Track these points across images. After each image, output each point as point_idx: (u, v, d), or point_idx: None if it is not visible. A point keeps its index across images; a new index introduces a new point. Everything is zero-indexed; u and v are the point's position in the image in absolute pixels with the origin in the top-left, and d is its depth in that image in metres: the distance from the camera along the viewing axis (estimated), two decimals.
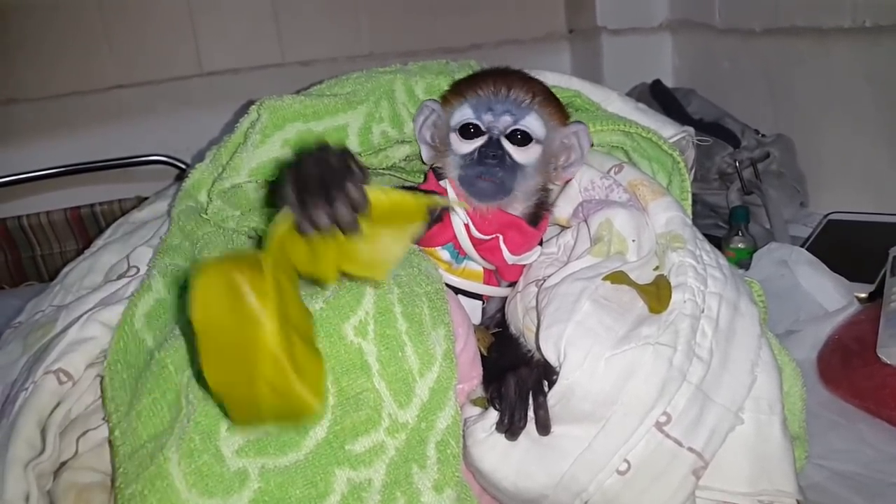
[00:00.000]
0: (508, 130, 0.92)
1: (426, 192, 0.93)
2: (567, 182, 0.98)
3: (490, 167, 0.90)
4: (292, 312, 0.66)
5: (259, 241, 0.96)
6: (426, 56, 1.19)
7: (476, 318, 0.97)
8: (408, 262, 0.86)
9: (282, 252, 0.66)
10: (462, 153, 0.93)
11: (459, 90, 0.97)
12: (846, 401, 1.09)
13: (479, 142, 0.92)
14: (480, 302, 0.97)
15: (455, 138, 0.94)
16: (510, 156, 0.91)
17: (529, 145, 0.93)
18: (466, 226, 0.92)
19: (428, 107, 0.98)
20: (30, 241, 1.88)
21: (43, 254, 1.90)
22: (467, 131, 0.93)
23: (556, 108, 0.97)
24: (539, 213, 0.96)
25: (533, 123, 0.93)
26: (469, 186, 0.91)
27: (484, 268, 0.95)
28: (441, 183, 0.96)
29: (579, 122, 0.97)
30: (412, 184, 1.07)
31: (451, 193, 0.94)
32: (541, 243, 0.96)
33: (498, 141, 0.92)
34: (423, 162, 1.01)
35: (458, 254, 0.94)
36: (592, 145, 0.98)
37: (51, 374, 0.85)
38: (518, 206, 0.94)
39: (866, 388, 1.07)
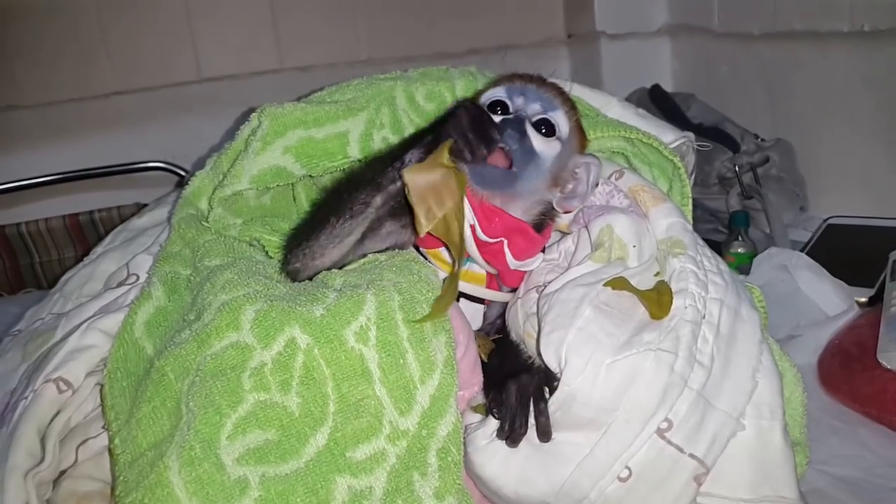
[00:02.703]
0: (536, 118, 0.91)
1: None
2: (567, 213, 0.97)
3: (507, 136, 0.88)
4: None
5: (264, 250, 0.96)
6: (425, 61, 1.19)
7: (477, 323, 0.97)
8: (408, 269, 0.86)
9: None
10: None
11: (495, 80, 0.98)
12: (847, 406, 1.09)
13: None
14: (482, 306, 0.97)
15: None
16: (530, 139, 0.90)
17: (552, 138, 0.91)
18: (472, 227, 0.91)
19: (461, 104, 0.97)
20: (28, 249, 1.88)
21: (42, 261, 1.90)
22: (494, 109, 0.92)
23: (580, 130, 0.97)
24: (543, 222, 0.95)
25: (560, 119, 0.92)
26: (476, 175, 0.88)
27: (486, 271, 0.95)
28: None
29: (594, 155, 0.96)
30: None
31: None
32: (543, 250, 0.96)
33: (523, 119, 0.90)
34: None
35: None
36: (597, 184, 0.97)
37: (50, 382, 0.85)
38: (521, 210, 0.93)
39: (867, 393, 1.07)
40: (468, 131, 0.85)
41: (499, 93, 0.93)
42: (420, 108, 1.03)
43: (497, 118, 0.90)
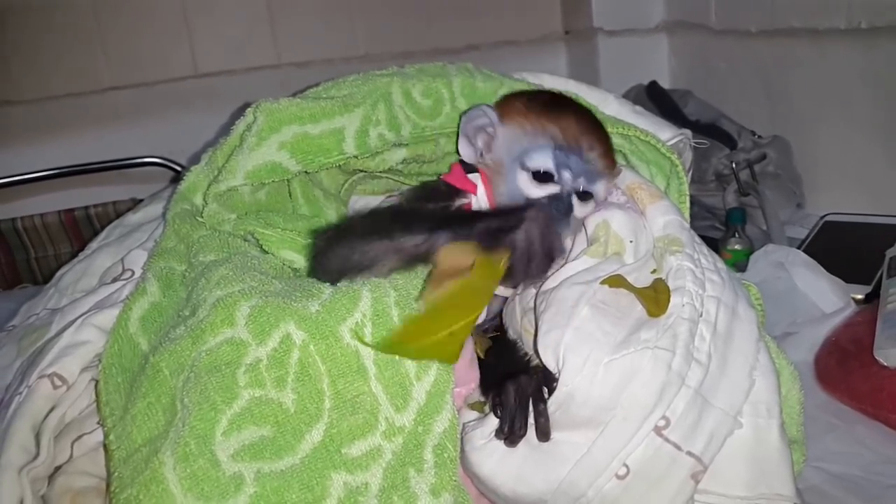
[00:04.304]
0: (580, 188, 0.92)
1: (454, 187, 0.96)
2: None
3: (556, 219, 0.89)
4: None
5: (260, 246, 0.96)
6: (422, 57, 1.19)
7: (481, 315, 0.97)
8: None
9: None
10: (529, 195, 0.92)
11: (542, 122, 0.94)
12: (844, 403, 1.09)
13: (549, 189, 0.91)
14: None
15: (524, 177, 0.92)
16: (573, 211, 0.92)
17: (589, 202, 0.93)
18: None
19: (483, 112, 0.96)
20: (24, 244, 1.88)
21: (37, 256, 1.90)
22: (540, 176, 0.92)
23: (614, 164, 0.97)
24: None
25: (601, 189, 0.94)
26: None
27: None
28: (471, 177, 0.96)
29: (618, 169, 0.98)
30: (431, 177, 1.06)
31: (481, 190, 0.94)
32: None
33: (569, 197, 0.91)
34: (432, 161, 1.00)
35: None
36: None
37: (45, 378, 0.84)
38: None
39: (864, 391, 1.07)
40: (534, 255, 0.82)
41: (547, 163, 0.91)
42: (416, 104, 1.02)
43: (541, 189, 0.92)
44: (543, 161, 0.92)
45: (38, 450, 0.81)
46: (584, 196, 0.93)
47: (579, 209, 0.92)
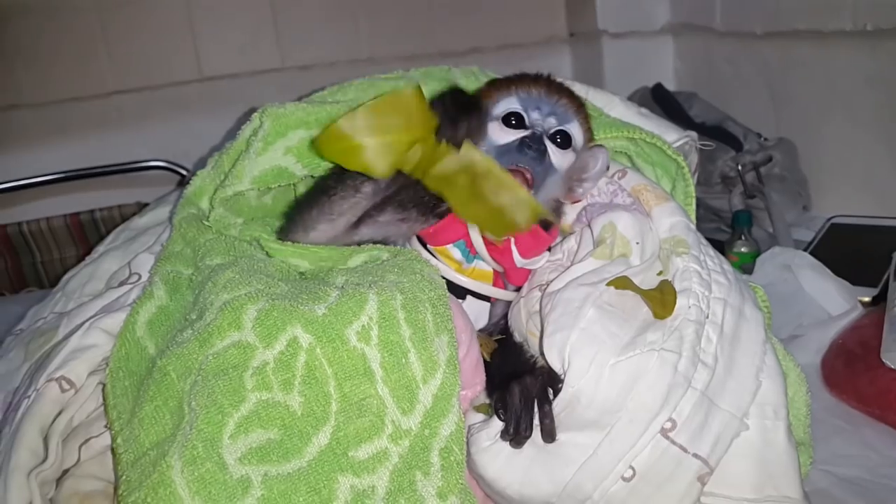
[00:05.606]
0: (552, 130, 0.93)
1: None
2: (575, 202, 0.98)
3: (528, 158, 0.90)
4: None
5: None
6: (426, 60, 1.19)
7: (483, 321, 0.97)
8: (410, 268, 0.85)
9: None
10: (500, 143, 0.92)
11: (506, 85, 0.97)
12: (850, 405, 1.09)
13: (521, 133, 0.92)
14: (488, 304, 0.97)
15: (496, 126, 0.93)
16: (549, 155, 0.92)
17: (568, 150, 0.93)
18: None
19: None
20: (30, 248, 1.88)
21: (43, 260, 1.90)
22: (510, 121, 0.93)
23: (589, 128, 0.98)
24: (549, 221, 0.96)
25: (575, 130, 0.95)
26: None
27: (493, 269, 0.95)
28: None
29: (600, 145, 0.98)
30: None
31: None
32: (549, 249, 0.96)
33: (541, 136, 0.92)
34: None
35: (469, 253, 0.94)
36: (608, 169, 0.98)
37: (53, 381, 0.84)
38: None
39: (870, 393, 1.07)
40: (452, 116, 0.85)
41: (513, 104, 0.93)
42: None
43: (513, 134, 0.92)
44: (509, 104, 0.94)
45: (47, 453, 0.81)
46: (561, 141, 0.93)
47: (558, 156, 0.92)
